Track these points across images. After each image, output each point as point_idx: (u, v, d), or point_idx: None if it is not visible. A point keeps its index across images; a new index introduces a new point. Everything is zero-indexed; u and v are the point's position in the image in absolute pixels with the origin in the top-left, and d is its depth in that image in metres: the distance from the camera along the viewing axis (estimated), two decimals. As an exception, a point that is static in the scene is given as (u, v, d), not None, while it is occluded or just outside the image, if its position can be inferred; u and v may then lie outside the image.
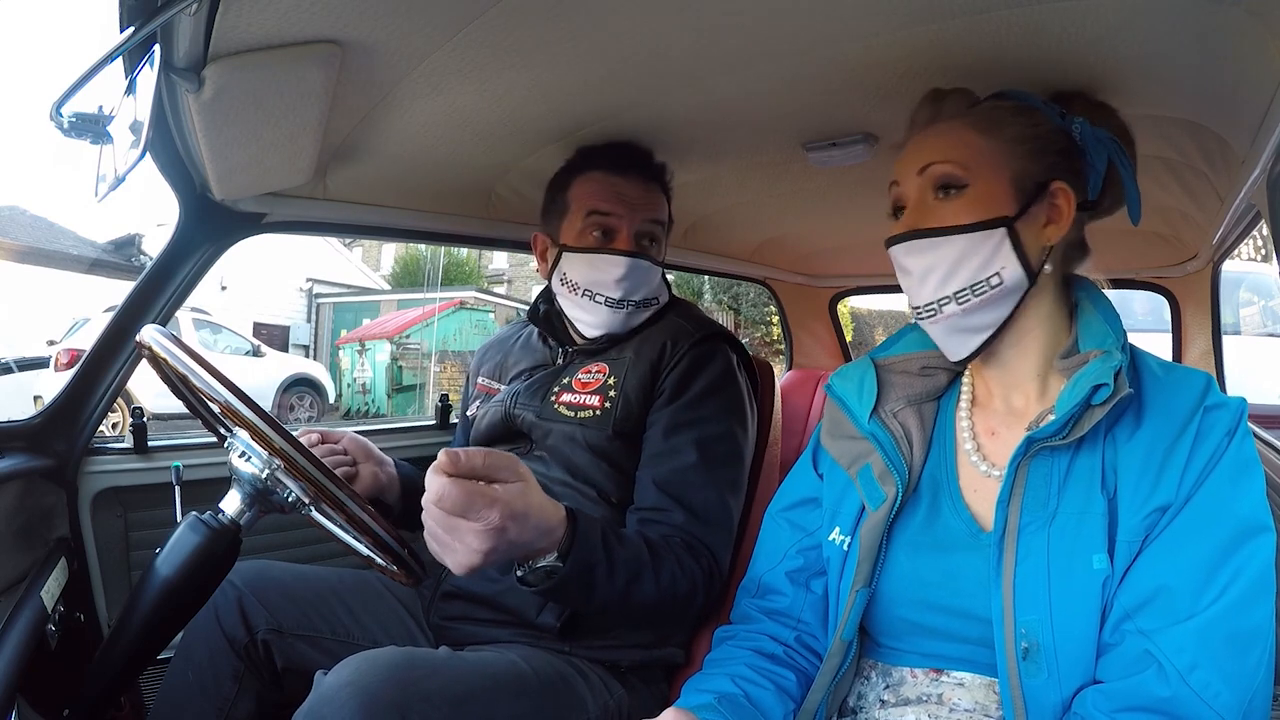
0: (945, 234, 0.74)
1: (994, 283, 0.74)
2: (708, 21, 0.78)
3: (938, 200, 0.77)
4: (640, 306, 1.17)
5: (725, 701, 0.73)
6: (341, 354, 11.60)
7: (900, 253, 0.78)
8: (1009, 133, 0.76)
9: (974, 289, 0.74)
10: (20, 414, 1.16)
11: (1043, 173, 0.76)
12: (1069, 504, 0.68)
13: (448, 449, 0.73)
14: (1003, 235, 0.73)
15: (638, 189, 1.14)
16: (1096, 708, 0.64)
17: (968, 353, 0.78)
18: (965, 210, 0.75)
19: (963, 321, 0.76)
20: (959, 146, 0.76)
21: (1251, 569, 0.63)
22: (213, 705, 1.01)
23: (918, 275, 0.77)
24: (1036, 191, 0.75)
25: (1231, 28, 0.71)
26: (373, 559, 0.92)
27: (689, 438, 1.07)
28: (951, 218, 0.75)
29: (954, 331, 0.77)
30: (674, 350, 1.13)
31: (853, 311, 11.93)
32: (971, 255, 0.74)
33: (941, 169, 0.76)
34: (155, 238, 11.84)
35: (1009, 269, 0.74)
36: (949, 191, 0.76)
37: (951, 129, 0.78)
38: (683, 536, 1.02)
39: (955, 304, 0.75)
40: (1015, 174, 0.75)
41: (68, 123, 0.75)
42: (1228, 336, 1.88)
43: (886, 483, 0.77)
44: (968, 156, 0.76)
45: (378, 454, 1.18)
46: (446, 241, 1.56)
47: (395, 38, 0.78)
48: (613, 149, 1.14)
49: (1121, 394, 0.67)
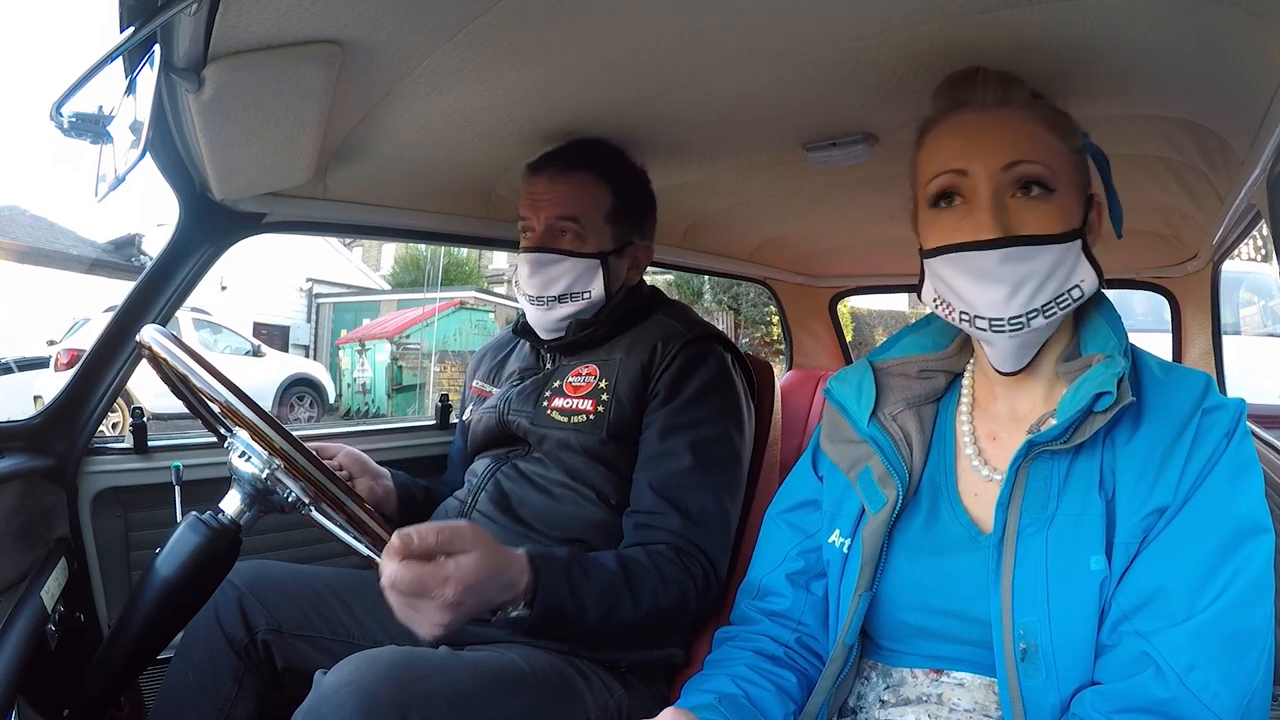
0: (1044, 243, 0.69)
1: (1075, 295, 0.71)
2: (707, 21, 0.78)
3: (1020, 200, 0.71)
4: (559, 301, 1.15)
5: (726, 702, 0.73)
6: (341, 354, 11.60)
7: (992, 260, 0.69)
8: (1071, 139, 0.74)
9: (1058, 301, 0.70)
10: (20, 414, 1.16)
11: (1087, 185, 0.75)
12: (1067, 506, 0.68)
13: (400, 531, 0.76)
14: (1079, 248, 0.71)
15: (544, 186, 1.14)
16: (1094, 709, 0.63)
17: (1022, 365, 0.74)
18: (1053, 217, 0.70)
19: (1033, 336, 0.72)
20: (1044, 146, 0.72)
21: (1250, 570, 0.62)
22: (213, 705, 1.01)
23: (1009, 286, 0.69)
24: (1088, 203, 0.75)
25: (1231, 28, 0.71)
26: (373, 559, 0.92)
27: (684, 440, 1.06)
28: (1039, 224, 0.70)
29: (1024, 345, 0.73)
30: (664, 351, 1.12)
31: (853, 311, 11.92)
32: (1059, 268, 0.70)
33: (1033, 169, 0.70)
34: (155, 238, 11.84)
35: (1088, 281, 0.71)
36: (1034, 192, 0.71)
37: (1027, 124, 0.72)
38: (675, 543, 1.02)
39: (1043, 317, 0.70)
40: (1080, 183, 0.74)
41: (68, 123, 0.75)
42: (1228, 336, 1.89)
43: (887, 486, 0.76)
44: (1053, 159, 0.71)
45: (373, 467, 1.18)
46: (446, 241, 1.56)
47: (395, 38, 0.78)
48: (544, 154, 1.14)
49: (1125, 403, 0.66)
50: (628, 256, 1.20)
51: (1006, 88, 0.74)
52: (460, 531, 0.78)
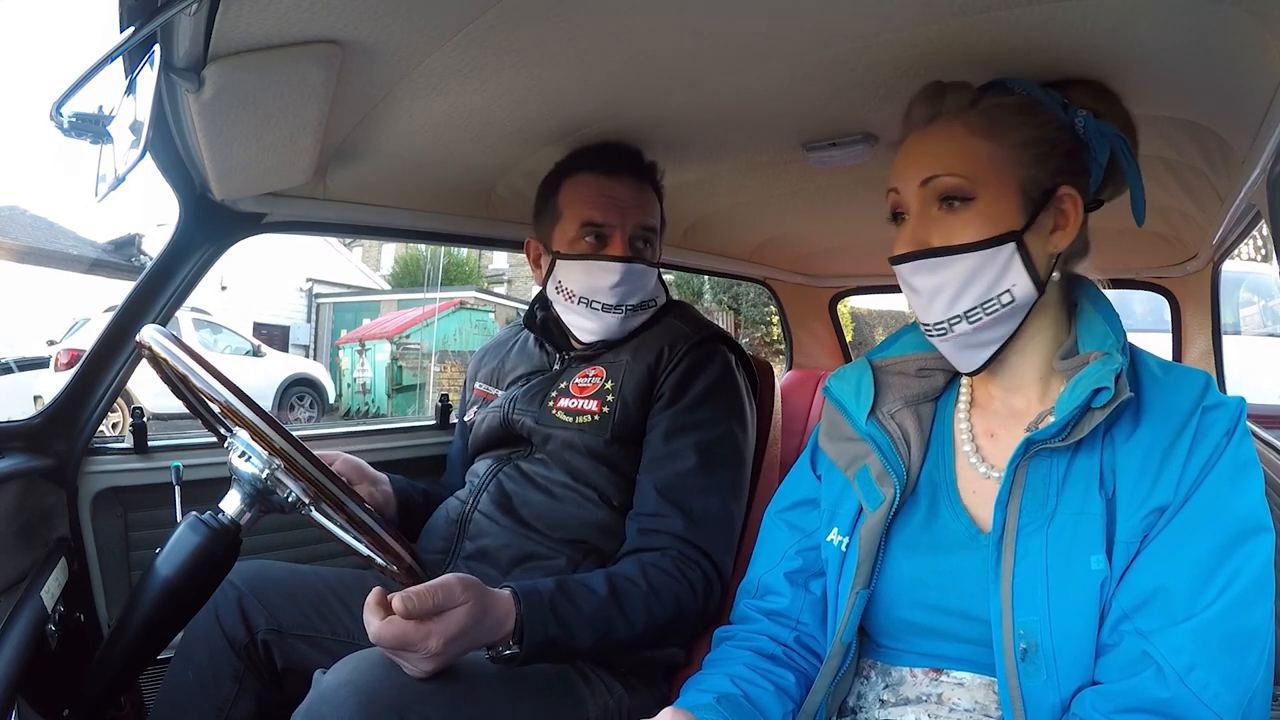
0: (953, 253, 0.72)
1: (1005, 300, 0.72)
2: (708, 21, 0.78)
3: (942, 213, 0.73)
4: (638, 310, 1.16)
5: (725, 702, 0.73)
6: (341, 354, 11.60)
7: (906, 272, 0.75)
8: (1014, 136, 0.73)
9: (984, 307, 0.72)
10: (20, 414, 1.16)
11: (1049, 178, 0.73)
12: (1067, 505, 0.68)
13: (403, 594, 0.78)
14: (1012, 250, 0.71)
15: (629, 191, 1.13)
16: (1095, 709, 0.63)
17: (978, 365, 0.76)
18: (973, 225, 0.72)
19: (973, 338, 0.74)
20: (963, 155, 0.73)
21: (1250, 569, 0.62)
22: (213, 705, 1.01)
23: (926, 295, 0.74)
24: (1044, 199, 0.73)
25: (1231, 28, 0.71)
26: (373, 559, 0.92)
27: (689, 441, 1.07)
28: (958, 234, 0.72)
29: (964, 347, 0.76)
30: (672, 353, 1.12)
31: (853, 311, 11.93)
32: (982, 273, 0.71)
33: (946, 182, 0.73)
34: (155, 238, 11.85)
35: (1020, 285, 0.72)
36: (954, 204, 0.73)
37: (953, 133, 0.74)
38: (678, 547, 1.02)
39: (966, 323, 0.73)
40: (1022, 182, 0.73)
41: (68, 123, 0.75)
42: (1228, 336, 1.89)
43: (884, 484, 0.77)
44: (973, 166, 0.72)
45: (371, 473, 1.18)
46: (446, 241, 1.56)
47: (395, 38, 0.78)
48: (603, 149, 1.13)
49: (1122, 398, 0.66)
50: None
51: (939, 101, 0.76)
52: (450, 590, 0.80)
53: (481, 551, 1.09)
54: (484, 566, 1.08)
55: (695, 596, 1.00)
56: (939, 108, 0.76)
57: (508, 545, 1.08)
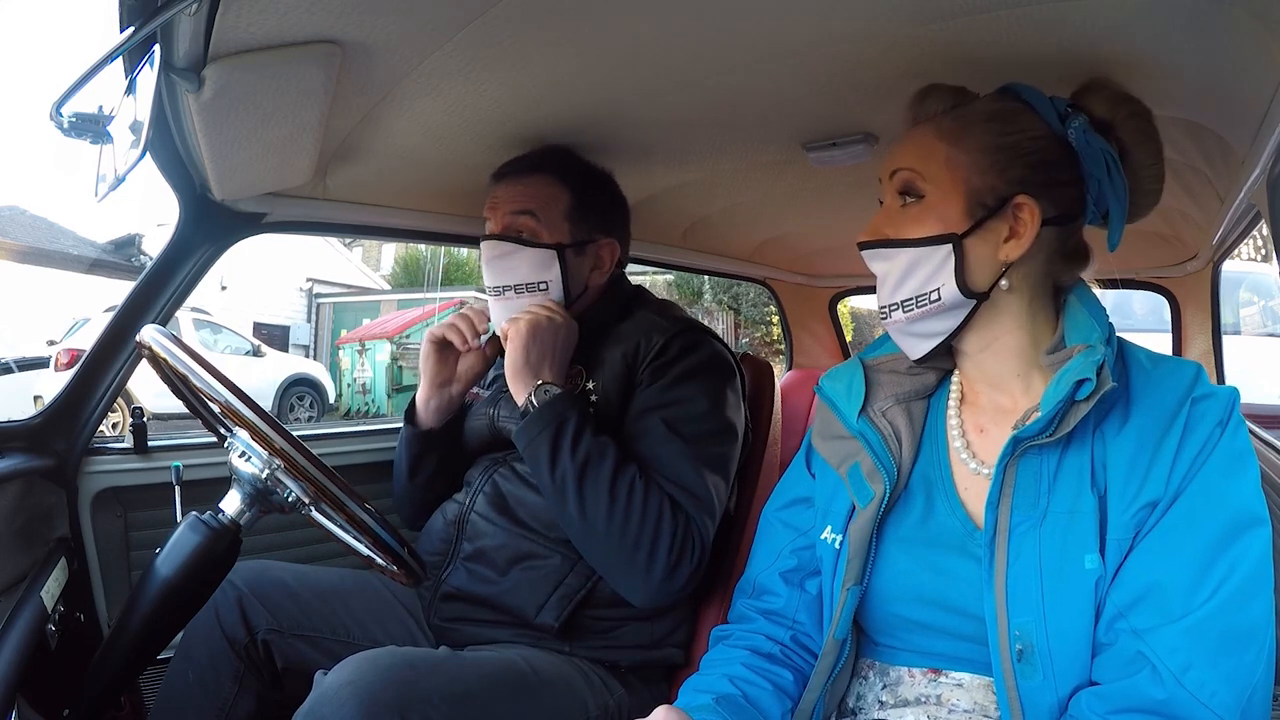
0: (895, 246, 0.76)
1: (934, 298, 0.75)
2: (708, 22, 0.78)
3: (900, 207, 0.77)
4: (519, 292, 1.12)
5: (724, 702, 0.73)
6: (341, 354, 11.58)
7: (866, 256, 0.80)
8: (976, 142, 0.74)
9: (917, 301, 0.76)
10: (20, 414, 1.16)
11: (1007, 187, 0.73)
12: (1059, 503, 0.68)
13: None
14: (947, 253, 0.73)
15: (502, 190, 1.13)
16: (1091, 710, 0.63)
17: (921, 354, 0.79)
18: (918, 222, 0.75)
19: (910, 328, 0.78)
20: (923, 155, 0.76)
21: (1246, 563, 0.62)
22: (213, 705, 1.01)
23: (879, 279, 0.79)
24: (998, 206, 0.73)
25: (1231, 28, 0.71)
26: (373, 559, 0.93)
27: (657, 416, 1.04)
28: (907, 229, 0.76)
29: (904, 334, 0.80)
30: (648, 344, 1.09)
31: (853, 311, 11.90)
32: (916, 269, 0.75)
33: (903, 176, 0.77)
34: (155, 238, 11.83)
35: (946, 288, 0.74)
36: (907, 200, 0.76)
37: (924, 134, 0.77)
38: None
39: (902, 311, 0.77)
40: (974, 188, 0.73)
41: (68, 123, 0.75)
42: (1228, 336, 1.89)
43: (874, 481, 0.77)
44: (929, 165, 0.75)
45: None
46: (446, 241, 1.56)
47: (395, 38, 0.78)
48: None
49: (1105, 388, 0.66)
50: (590, 254, 1.16)
51: (922, 104, 0.79)
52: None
53: (479, 552, 1.09)
54: (482, 567, 1.08)
55: (675, 533, 0.97)
56: (920, 111, 0.80)
57: (505, 545, 1.08)
